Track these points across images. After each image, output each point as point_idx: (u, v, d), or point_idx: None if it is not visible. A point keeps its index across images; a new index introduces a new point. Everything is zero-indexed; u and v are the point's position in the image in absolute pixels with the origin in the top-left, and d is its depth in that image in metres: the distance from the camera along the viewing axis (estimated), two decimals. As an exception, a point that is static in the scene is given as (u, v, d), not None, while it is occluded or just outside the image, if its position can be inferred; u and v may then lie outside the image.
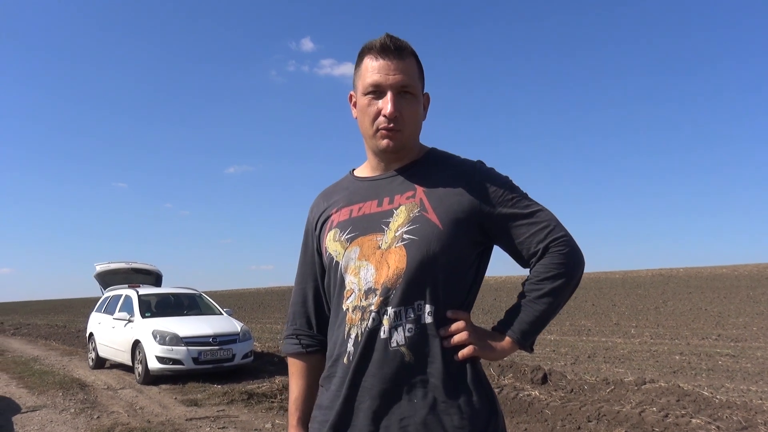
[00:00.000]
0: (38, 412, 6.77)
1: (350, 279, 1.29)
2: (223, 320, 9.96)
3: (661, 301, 25.04)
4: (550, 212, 1.32)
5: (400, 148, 1.33)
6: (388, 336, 1.22)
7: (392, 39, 1.29)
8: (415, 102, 1.32)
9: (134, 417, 6.42)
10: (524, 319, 1.29)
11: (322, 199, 1.48)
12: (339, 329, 1.30)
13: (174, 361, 8.68)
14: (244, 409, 6.62)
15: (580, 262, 1.30)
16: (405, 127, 1.31)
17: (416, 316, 1.23)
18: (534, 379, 7.16)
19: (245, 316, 25.80)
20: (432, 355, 1.23)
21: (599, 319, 18.09)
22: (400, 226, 1.27)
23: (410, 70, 1.31)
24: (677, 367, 8.90)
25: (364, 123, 1.34)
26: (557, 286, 1.27)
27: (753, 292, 26.35)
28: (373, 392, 1.23)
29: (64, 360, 12.26)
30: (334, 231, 1.36)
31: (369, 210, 1.34)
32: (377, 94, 1.30)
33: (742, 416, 5.25)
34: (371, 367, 1.24)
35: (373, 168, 1.41)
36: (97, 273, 12.67)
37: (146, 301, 10.38)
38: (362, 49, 1.33)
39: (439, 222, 1.26)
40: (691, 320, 16.64)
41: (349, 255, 1.31)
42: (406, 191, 1.32)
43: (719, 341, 11.87)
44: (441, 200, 1.28)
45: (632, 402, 5.97)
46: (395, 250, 1.25)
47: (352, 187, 1.42)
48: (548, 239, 1.27)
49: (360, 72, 1.34)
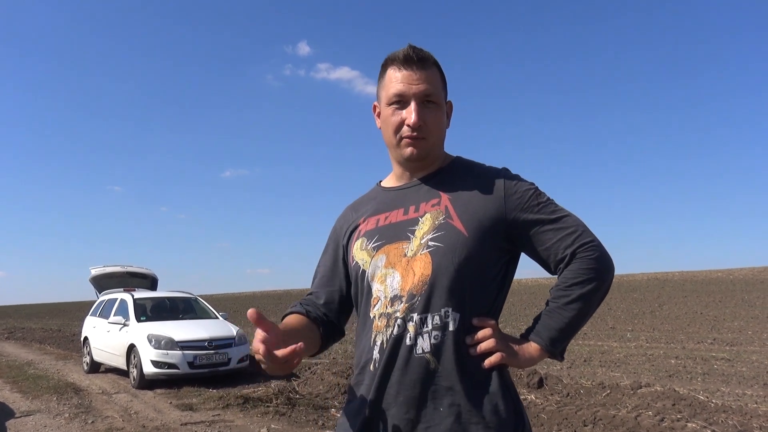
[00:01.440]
0: (32, 417, 6.73)
1: (377, 287, 1.29)
2: (218, 324, 9.93)
3: (656, 305, 25.10)
4: (578, 217, 1.30)
5: (424, 156, 1.34)
6: (413, 343, 1.22)
7: (415, 50, 1.30)
8: (439, 111, 1.33)
9: (129, 422, 6.38)
10: (552, 326, 1.26)
11: (350, 210, 1.50)
12: (366, 337, 1.30)
13: (169, 366, 8.65)
14: (239, 414, 6.60)
15: (610, 267, 1.28)
16: (429, 135, 1.32)
17: (442, 324, 1.22)
18: (530, 383, 7.16)
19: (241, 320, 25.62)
20: (458, 362, 1.21)
21: (595, 323, 18.10)
22: (426, 233, 1.27)
23: (433, 79, 1.32)
24: (673, 371, 8.91)
25: (388, 133, 1.35)
26: (587, 292, 1.24)
27: (748, 296, 26.44)
28: (399, 399, 1.22)
29: (58, 364, 12.19)
30: (361, 240, 1.37)
31: (395, 219, 1.34)
32: (401, 104, 1.31)
33: (738, 420, 5.26)
34: (395, 373, 1.23)
35: (399, 178, 1.42)
36: (92, 276, 12.63)
37: (141, 305, 10.35)
38: (385, 61, 1.35)
39: (465, 229, 1.25)
40: (686, 324, 16.69)
41: (375, 263, 1.31)
42: (431, 199, 1.32)
43: (715, 345, 11.90)
44: (466, 207, 1.28)
45: (628, 406, 5.98)
46: (421, 257, 1.25)
47: (379, 198, 1.43)
48: (576, 244, 1.25)
49: (384, 83, 1.35)
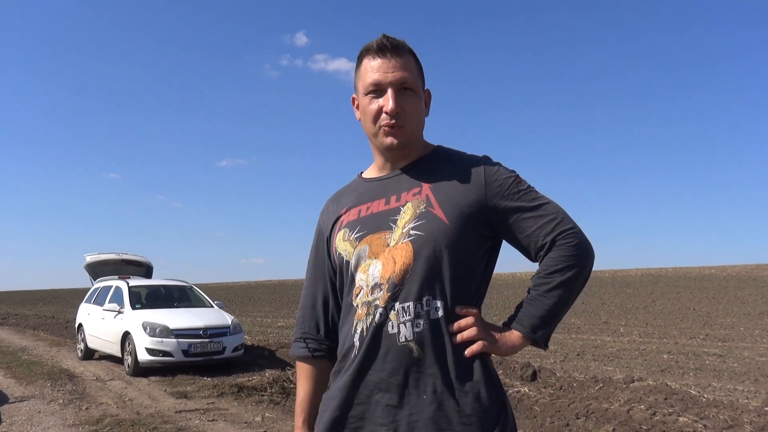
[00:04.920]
0: (26, 403, 6.73)
1: (360, 276, 1.30)
2: (213, 313, 9.93)
3: (650, 300, 25.23)
4: (558, 205, 1.30)
5: (404, 145, 1.34)
6: (396, 331, 1.23)
7: (389, 38, 1.31)
8: (417, 98, 1.33)
9: (123, 408, 6.39)
10: (534, 313, 1.27)
11: (332, 202, 1.49)
12: (347, 325, 1.32)
13: (164, 353, 8.65)
14: (234, 402, 6.62)
15: (589, 254, 1.28)
16: (407, 123, 1.31)
17: (425, 312, 1.23)
18: (523, 375, 7.20)
19: (236, 309, 25.75)
20: (441, 350, 1.23)
21: (588, 318, 18.20)
22: (407, 222, 1.28)
23: (409, 66, 1.31)
24: (665, 365, 8.98)
25: (366, 123, 1.35)
26: (567, 279, 1.25)
27: (741, 293, 26.59)
28: (382, 386, 1.24)
29: (52, 351, 12.18)
30: (344, 231, 1.37)
31: (377, 209, 1.34)
32: (378, 93, 1.31)
33: (729, 415, 5.30)
34: (378, 361, 1.24)
35: (380, 168, 1.42)
36: (87, 263, 12.60)
37: (136, 292, 10.33)
38: (360, 52, 1.35)
39: (446, 217, 1.26)
40: (679, 320, 16.79)
41: (358, 253, 1.31)
42: (413, 188, 1.33)
43: (707, 341, 11.98)
44: (447, 196, 1.29)
45: (620, 400, 6.02)
46: (402, 245, 1.26)
47: (360, 189, 1.43)
48: (556, 231, 1.26)
49: (360, 73, 1.35)
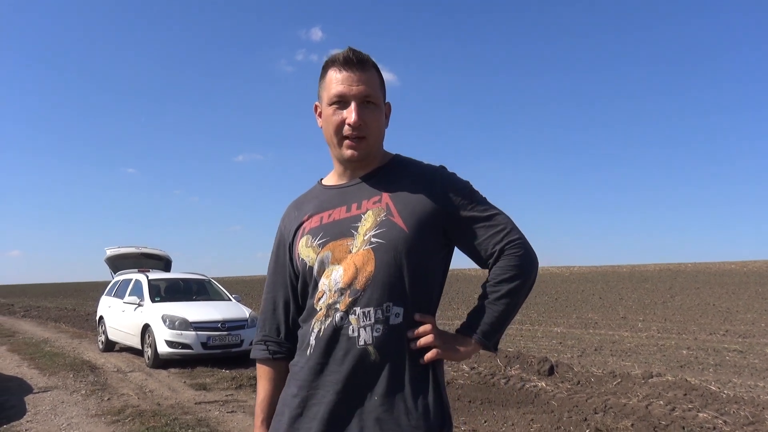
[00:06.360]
0: (50, 393, 6.88)
1: (323, 281, 1.34)
2: (231, 306, 10.04)
3: (668, 295, 24.97)
4: (507, 216, 1.39)
5: (364, 157, 1.39)
6: (357, 335, 1.27)
7: (354, 52, 1.35)
8: (378, 111, 1.38)
9: (144, 399, 6.50)
10: (485, 321, 1.34)
11: (293, 209, 1.52)
12: (306, 324, 1.37)
13: (183, 346, 8.78)
14: (252, 394, 6.68)
15: (533, 264, 1.37)
16: (369, 134, 1.36)
17: (384, 317, 1.28)
18: (541, 370, 7.19)
19: (253, 302, 25.93)
20: (397, 355, 1.28)
21: (606, 313, 18.06)
22: (368, 230, 1.32)
23: (372, 81, 1.36)
24: (684, 361, 8.89)
25: (329, 132, 1.39)
26: (514, 288, 1.33)
27: (762, 289, 26.21)
28: (337, 387, 1.28)
29: (74, 342, 12.41)
30: (306, 237, 1.40)
31: (338, 216, 1.38)
32: (342, 104, 1.35)
33: (750, 411, 5.25)
34: (332, 363, 1.30)
35: (340, 176, 1.46)
36: (107, 257, 12.82)
37: (156, 285, 10.48)
38: (326, 62, 1.39)
39: (405, 225, 1.31)
40: (698, 315, 16.59)
41: (321, 259, 1.35)
42: (373, 196, 1.37)
43: (727, 337, 11.83)
44: (406, 204, 1.34)
45: (639, 395, 5.98)
46: (363, 252, 1.30)
47: (321, 196, 1.46)
48: (504, 241, 1.34)
49: (325, 83, 1.39)
